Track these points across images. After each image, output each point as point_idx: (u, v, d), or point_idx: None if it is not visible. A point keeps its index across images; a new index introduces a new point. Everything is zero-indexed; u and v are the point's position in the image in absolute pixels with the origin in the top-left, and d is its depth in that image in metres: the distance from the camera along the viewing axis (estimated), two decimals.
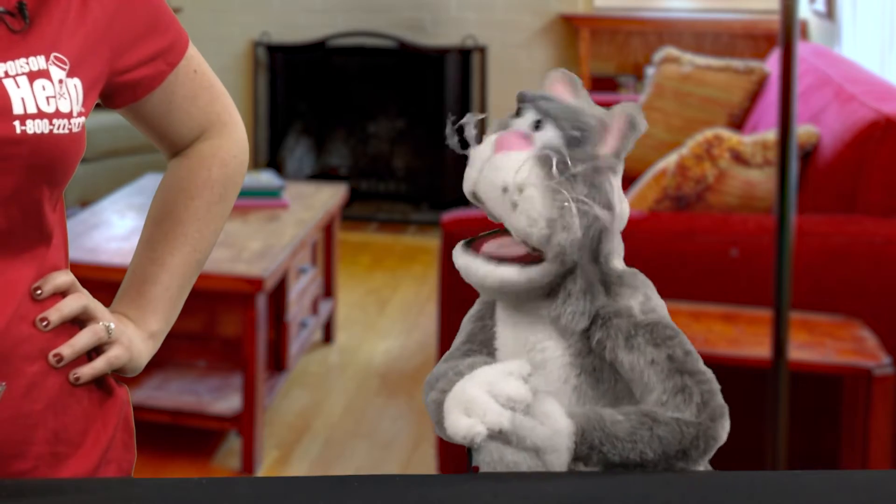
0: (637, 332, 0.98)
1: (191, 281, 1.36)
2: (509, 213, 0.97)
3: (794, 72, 2.36)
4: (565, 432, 0.95)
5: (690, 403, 0.96)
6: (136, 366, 1.30)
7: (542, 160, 0.97)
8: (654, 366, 0.97)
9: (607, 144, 0.98)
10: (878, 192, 2.98)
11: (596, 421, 0.95)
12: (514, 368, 0.97)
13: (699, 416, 0.95)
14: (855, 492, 0.96)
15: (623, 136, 0.98)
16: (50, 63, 1.17)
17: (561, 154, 0.97)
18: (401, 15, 6.56)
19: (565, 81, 1.03)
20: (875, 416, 2.52)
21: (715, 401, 0.96)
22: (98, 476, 1.26)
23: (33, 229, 1.19)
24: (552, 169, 0.96)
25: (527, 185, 0.96)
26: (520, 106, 1.02)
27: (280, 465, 3.56)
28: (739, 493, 0.95)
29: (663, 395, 0.96)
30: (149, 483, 1.00)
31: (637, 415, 0.96)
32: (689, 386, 0.96)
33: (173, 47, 1.30)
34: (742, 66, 4.69)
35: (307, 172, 6.72)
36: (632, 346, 0.97)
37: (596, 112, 1.00)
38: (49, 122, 1.14)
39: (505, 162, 0.98)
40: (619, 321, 0.98)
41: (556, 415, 0.95)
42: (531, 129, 1.00)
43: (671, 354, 0.97)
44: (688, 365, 0.97)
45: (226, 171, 1.37)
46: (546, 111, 0.99)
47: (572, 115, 0.99)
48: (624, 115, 0.99)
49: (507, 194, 0.97)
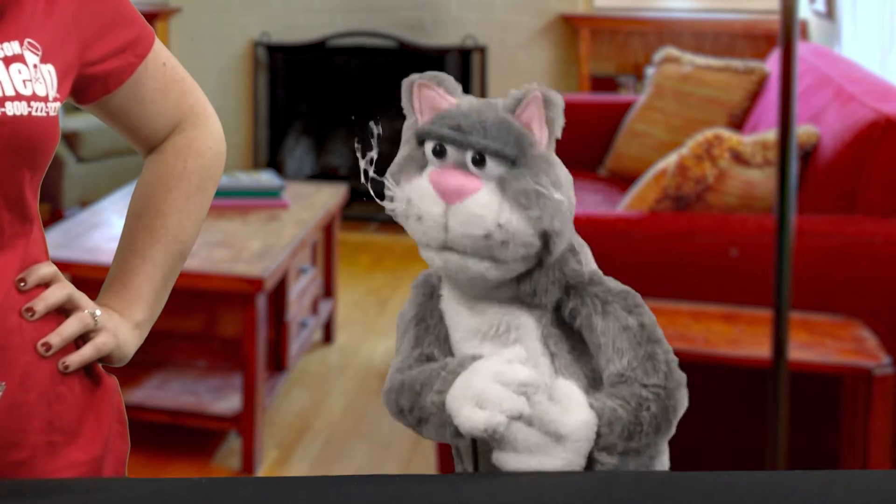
0: (612, 298, 0.99)
1: (174, 272, 1.37)
2: (501, 251, 0.96)
3: (794, 72, 2.36)
4: (592, 422, 0.96)
5: (658, 371, 0.97)
6: (124, 354, 1.31)
7: (503, 188, 0.95)
8: (626, 332, 0.98)
9: (540, 139, 0.97)
10: (878, 192, 2.98)
11: (610, 409, 0.96)
12: (511, 356, 0.97)
13: (667, 382, 0.97)
14: (855, 492, 0.96)
15: (550, 124, 0.97)
16: (24, 48, 1.19)
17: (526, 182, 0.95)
18: (401, 15, 6.56)
19: (434, 84, 1.00)
20: (875, 416, 2.52)
21: (677, 369, 0.99)
22: (100, 465, 1.27)
23: (17, 216, 1.21)
24: (515, 190, 0.95)
25: (506, 218, 0.95)
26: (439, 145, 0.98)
27: (280, 465, 3.56)
28: (739, 493, 0.95)
29: (634, 361, 0.97)
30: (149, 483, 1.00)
31: (633, 398, 0.97)
32: (657, 353, 0.98)
33: (140, 40, 1.32)
34: (742, 66, 4.68)
35: (307, 172, 6.72)
36: (607, 312, 0.98)
37: (499, 107, 0.98)
38: (27, 105, 1.17)
39: (473, 210, 0.95)
40: (594, 288, 0.99)
41: (580, 403, 0.96)
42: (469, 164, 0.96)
43: (642, 322, 0.98)
44: (656, 334, 0.99)
45: (202, 161, 1.38)
46: (484, 148, 0.96)
47: (506, 137, 0.96)
48: (539, 104, 0.97)
49: (491, 238, 0.95)
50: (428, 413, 0.99)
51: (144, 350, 1.39)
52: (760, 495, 0.94)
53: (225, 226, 3.89)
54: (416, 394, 1.00)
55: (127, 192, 4.31)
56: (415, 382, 1.00)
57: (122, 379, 1.37)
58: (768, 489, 0.96)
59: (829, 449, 2.76)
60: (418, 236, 0.98)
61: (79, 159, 5.86)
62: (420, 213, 0.97)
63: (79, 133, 5.77)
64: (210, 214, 1.55)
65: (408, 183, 0.99)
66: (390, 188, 1.00)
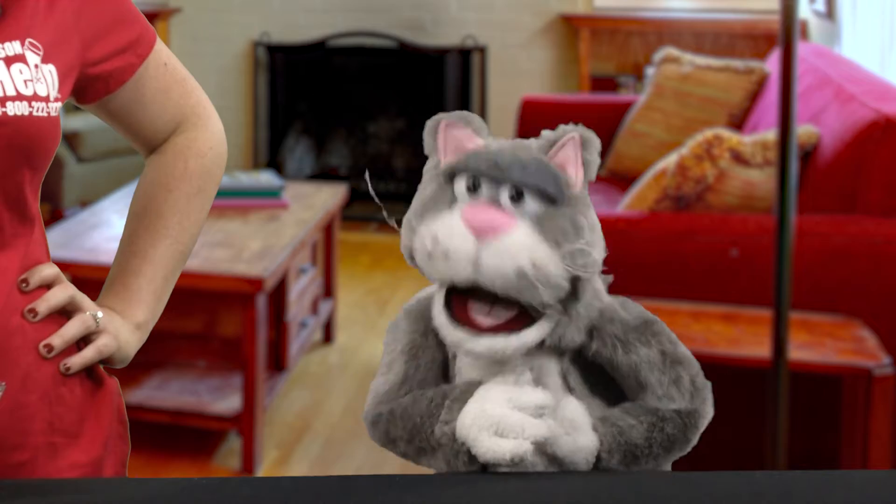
0: (629, 335, 0.98)
1: (175, 273, 1.36)
2: (532, 293, 0.93)
3: (794, 72, 2.36)
4: (592, 448, 0.95)
5: (685, 392, 0.98)
6: (125, 356, 1.31)
7: (540, 227, 0.93)
8: (650, 365, 0.98)
9: (577, 180, 0.95)
10: (878, 192, 2.98)
11: (618, 433, 0.96)
12: (517, 379, 0.96)
13: (693, 402, 0.98)
14: (855, 492, 0.96)
15: (587, 166, 0.95)
16: (25, 48, 1.19)
17: (563, 223, 0.93)
18: (401, 15, 6.56)
19: (461, 124, 0.98)
20: (875, 416, 2.52)
21: (701, 381, 0.99)
22: (100, 466, 1.27)
23: (17, 216, 1.21)
24: (549, 231, 0.93)
25: (545, 262, 0.92)
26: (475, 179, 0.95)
27: (280, 465, 3.56)
28: (739, 493, 0.95)
29: (659, 390, 0.97)
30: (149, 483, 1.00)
31: (647, 415, 0.96)
32: (682, 376, 0.98)
33: (141, 40, 1.32)
34: (742, 66, 4.69)
35: (307, 172, 6.72)
36: (628, 350, 0.98)
37: (534, 147, 0.96)
38: (28, 105, 1.17)
39: (508, 248, 0.92)
40: (612, 328, 0.98)
41: (583, 427, 0.96)
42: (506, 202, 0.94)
43: (663, 350, 0.98)
44: (677, 355, 0.98)
45: (203, 162, 1.38)
46: (525, 184, 0.94)
47: (535, 174, 0.94)
48: (576, 145, 0.95)
49: (525, 279, 0.92)
50: (435, 444, 0.97)
51: (145, 350, 1.39)
52: (760, 495, 0.94)
53: (225, 226, 3.89)
54: (416, 426, 0.98)
55: (127, 192, 4.31)
56: (411, 414, 0.98)
57: (123, 379, 1.37)
58: (768, 489, 0.96)
59: (829, 449, 2.76)
60: (442, 274, 0.95)
61: (79, 159, 5.86)
62: (448, 249, 0.94)
63: (79, 133, 5.77)
64: (210, 214, 1.55)
65: (434, 220, 0.96)
66: (411, 227, 0.98)
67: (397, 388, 1.01)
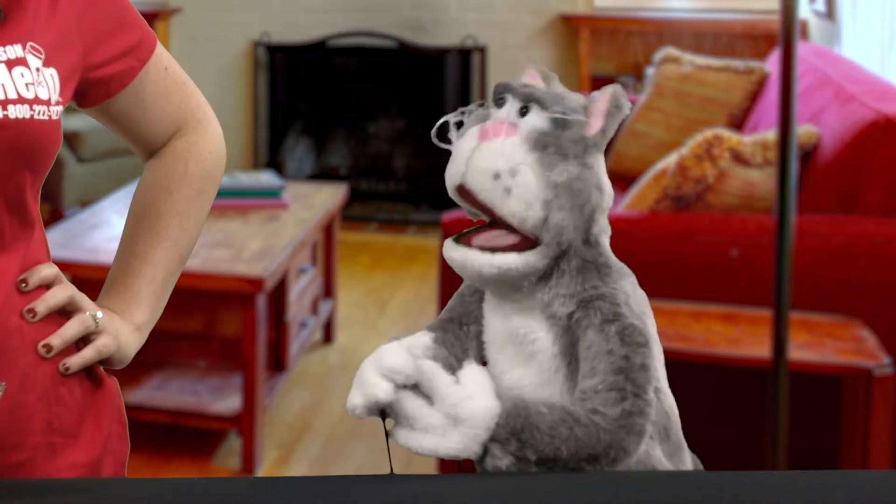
0: (614, 321, 0.97)
1: (174, 275, 1.37)
2: (503, 199, 0.97)
3: (794, 72, 2.36)
4: (492, 411, 0.94)
5: (616, 406, 0.94)
6: (124, 356, 1.31)
7: (533, 142, 0.97)
8: (609, 355, 0.96)
9: (593, 125, 0.99)
10: (878, 192, 2.98)
11: (521, 408, 0.95)
12: (412, 342, 1.00)
13: (618, 422, 0.94)
14: (855, 492, 0.96)
15: (608, 116, 0.99)
16: (27, 52, 1.19)
17: (551, 135, 0.97)
18: (401, 15, 6.56)
19: (539, 76, 1.03)
20: (875, 416, 2.52)
21: (640, 418, 0.95)
22: (99, 467, 1.27)
23: (17, 219, 1.21)
24: (544, 150, 0.96)
25: (520, 167, 0.96)
26: (500, 97, 1.01)
27: (280, 465, 3.56)
28: (740, 493, 0.95)
29: (599, 385, 0.95)
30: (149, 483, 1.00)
31: (560, 411, 0.95)
32: (626, 392, 0.95)
33: (142, 44, 1.33)
34: (742, 66, 4.69)
35: (307, 172, 6.72)
36: (601, 329, 0.97)
37: (577, 96, 1.01)
38: (30, 108, 1.17)
39: (494, 148, 0.97)
40: (603, 304, 0.97)
41: (487, 390, 0.96)
42: (516, 117, 0.99)
43: (629, 356, 0.96)
44: (638, 376, 0.95)
45: (203, 165, 1.38)
46: (529, 95, 0.99)
47: (556, 98, 0.99)
48: (607, 95, 0.99)
49: (499, 180, 0.96)
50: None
51: (145, 350, 1.39)
52: (760, 495, 0.94)
53: (225, 226, 3.89)
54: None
55: (127, 192, 4.31)
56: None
57: (123, 379, 1.37)
58: (768, 489, 0.96)
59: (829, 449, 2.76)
60: (448, 176, 1.00)
61: (79, 159, 5.86)
62: (457, 149, 1.00)
63: (79, 133, 5.77)
64: (210, 214, 1.55)
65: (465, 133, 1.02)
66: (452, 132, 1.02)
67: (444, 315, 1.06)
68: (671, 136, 4.58)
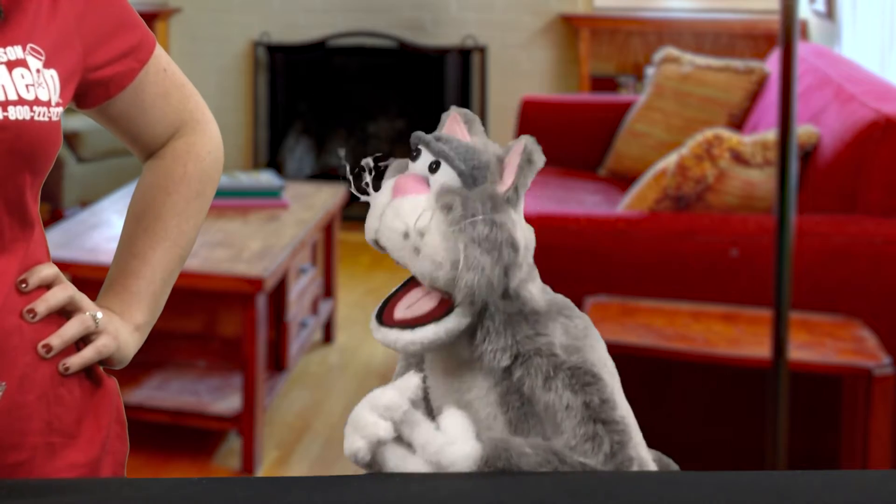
0: (557, 373, 0.96)
1: (173, 275, 1.37)
2: (413, 258, 0.96)
3: (794, 72, 2.36)
4: (472, 456, 0.94)
5: (599, 452, 0.95)
6: (123, 356, 1.31)
7: (440, 203, 0.96)
8: (568, 410, 0.95)
9: (504, 181, 0.97)
10: (878, 192, 2.98)
11: (503, 450, 0.94)
12: (401, 383, 0.97)
13: (605, 465, 0.95)
14: (855, 492, 0.96)
15: (520, 171, 0.96)
16: (27, 53, 1.19)
17: (459, 195, 0.95)
18: (401, 15, 6.56)
19: (461, 119, 1.02)
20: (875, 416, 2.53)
21: (624, 452, 0.95)
22: (98, 467, 1.27)
23: (17, 220, 1.21)
24: (451, 209, 0.95)
25: (427, 229, 0.95)
26: (416, 148, 1.00)
27: (280, 465, 3.56)
28: (739, 493, 0.95)
29: (572, 440, 0.95)
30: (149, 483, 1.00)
31: (545, 451, 0.95)
32: (601, 435, 0.95)
33: (142, 45, 1.33)
34: (742, 66, 4.69)
35: (307, 172, 6.72)
36: (549, 388, 0.96)
37: (491, 149, 0.99)
38: (30, 109, 1.17)
39: (403, 207, 0.97)
40: (540, 360, 0.96)
41: (462, 436, 0.95)
42: (428, 172, 0.98)
43: (587, 401, 0.95)
44: (602, 413, 0.95)
45: (201, 166, 1.39)
46: (439, 152, 0.98)
47: (466, 154, 0.97)
48: (519, 149, 0.97)
49: (408, 240, 0.96)
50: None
51: (144, 350, 1.39)
52: (760, 495, 0.94)
53: (225, 226, 3.89)
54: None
55: (127, 192, 4.31)
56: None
57: (123, 379, 1.38)
58: (768, 489, 0.96)
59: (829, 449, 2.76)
60: (366, 228, 1.01)
61: (79, 159, 5.86)
62: (374, 203, 1.00)
63: (79, 133, 5.77)
64: (210, 214, 1.55)
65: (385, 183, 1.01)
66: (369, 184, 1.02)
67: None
68: (671, 136, 4.58)
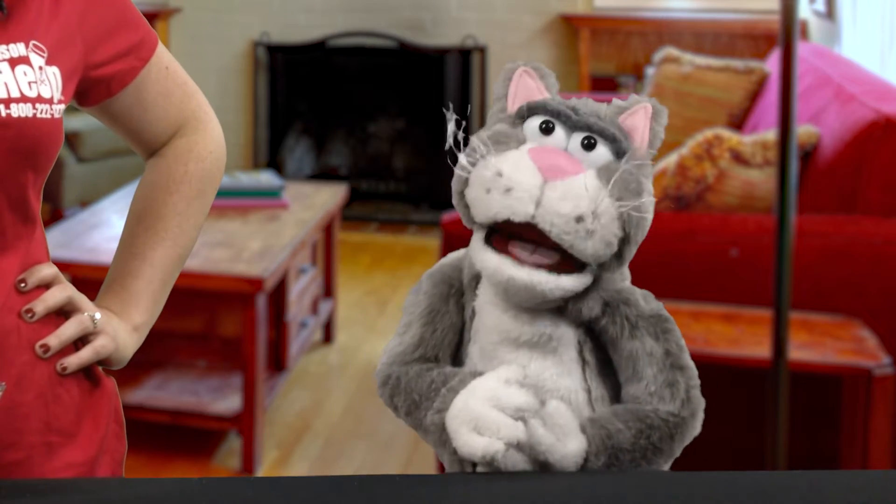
0: (640, 322, 0.99)
1: (173, 275, 1.37)
2: (584, 241, 0.94)
3: (794, 72, 2.36)
4: (581, 451, 0.96)
5: (676, 398, 0.98)
6: (122, 357, 1.31)
7: (607, 179, 0.94)
8: (651, 357, 0.98)
9: (641, 146, 0.98)
10: (878, 192, 2.98)
11: (605, 435, 0.96)
12: (509, 376, 0.96)
13: (682, 411, 0.98)
14: (855, 492, 0.96)
15: (653, 135, 0.98)
16: (29, 50, 1.19)
17: (628, 174, 0.95)
18: (401, 15, 6.56)
19: (536, 75, 1.01)
20: (875, 416, 2.52)
21: (696, 396, 0.99)
22: (96, 466, 1.27)
23: (19, 218, 1.21)
24: (619, 186, 0.94)
25: (605, 211, 0.94)
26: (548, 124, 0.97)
27: (280, 465, 3.56)
28: (739, 493, 0.95)
29: (652, 386, 0.98)
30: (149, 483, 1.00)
31: (636, 422, 0.97)
32: (679, 381, 0.98)
33: (144, 44, 1.33)
34: (742, 66, 4.68)
35: (307, 172, 6.72)
36: (634, 336, 0.99)
37: (613, 112, 0.99)
38: (32, 107, 1.17)
39: (573, 190, 0.94)
40: (626, 309, 0.99)
41: (571, 431, 0.96)
42: (579, 147, 0.96)
43: (668, 349, 0.99)
44: (681, 360, 0.99)
45: (203, 166, 1.38)
46: (594, 127, 0.96)
47: (614, 125, 0.97)
48: (648, 113, 0.98)
49: (582, 223, 0.93)
50: (426, 427, 0.99)
51: (144, 350, 1.39)
52: (760, 495, 0.94)
53: (225, 226, 3.89)
54: (415, 403, 0.99)
55: (127, 192, 4.31)
56: (412, 389, 1.00)
57: (122, 379, 1.38)
58: (768, 489, 0.96)
59: (829, 449, 2.75)
60: (498, 209, 0.94)
61: (79, 159, 5.86)
62: (512, 184, 0.94)
63: (79, 133, 5.77)
64: (210, 214, 1.55)
65: (499, 156, 0.96)
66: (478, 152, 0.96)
67: (412, 350, 1.02)
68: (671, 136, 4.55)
